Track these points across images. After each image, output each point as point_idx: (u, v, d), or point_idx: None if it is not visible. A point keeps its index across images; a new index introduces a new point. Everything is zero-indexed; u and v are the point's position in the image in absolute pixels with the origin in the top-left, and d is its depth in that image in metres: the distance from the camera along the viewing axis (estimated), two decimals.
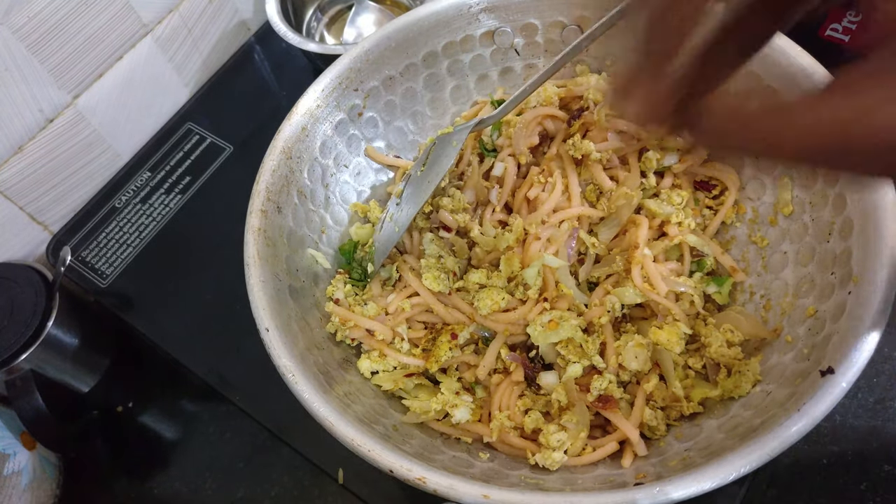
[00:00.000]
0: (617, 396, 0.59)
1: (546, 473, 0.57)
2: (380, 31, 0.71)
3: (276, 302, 0.59)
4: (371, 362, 0.65)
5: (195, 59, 0.98)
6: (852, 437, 0.67)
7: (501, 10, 0.73)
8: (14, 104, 0.77)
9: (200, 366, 0.78)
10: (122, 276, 0.86)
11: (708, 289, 0.65)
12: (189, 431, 0.79)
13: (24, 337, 0.71)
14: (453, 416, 0.61)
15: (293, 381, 0.54)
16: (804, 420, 0.46)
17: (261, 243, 0.61)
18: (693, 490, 0.45)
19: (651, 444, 0.58)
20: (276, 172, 0.65)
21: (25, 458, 0.73)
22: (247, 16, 1.03)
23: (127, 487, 0.77)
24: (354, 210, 0.75)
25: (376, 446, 0.50)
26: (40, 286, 0.74)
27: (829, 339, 0.52)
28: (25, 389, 0.72)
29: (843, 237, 0.56)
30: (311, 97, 0.69)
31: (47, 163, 0.84)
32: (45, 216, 0.88)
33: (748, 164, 0.68)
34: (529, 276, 0.62)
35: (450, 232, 0.69)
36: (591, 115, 0.67)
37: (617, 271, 0.64)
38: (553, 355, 0.62)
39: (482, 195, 0.71)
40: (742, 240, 0.68)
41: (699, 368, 0.62)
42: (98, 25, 0.82)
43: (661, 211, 0.65)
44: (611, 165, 0.67)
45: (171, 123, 0.97)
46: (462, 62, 0.76)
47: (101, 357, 0.84)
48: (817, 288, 0.58)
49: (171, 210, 0.90)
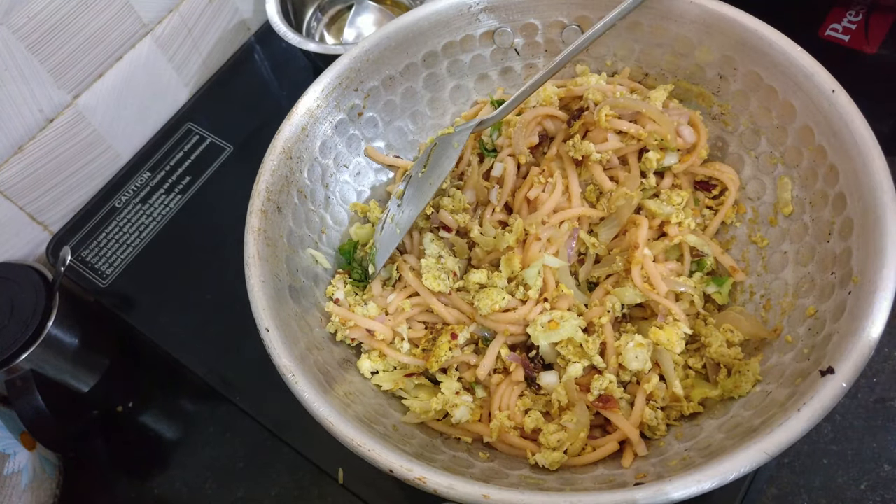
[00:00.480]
0: (617, 396, 0.59)
1: (546, 473, 0.57)
2: (380, 31, 0.71)
3: (276, 302, 0.59)
4: (371, 362, 0.65)
5: (195, 59, 0.98)
6: (852, 437, 0.67)
7: (501, 10, 0.73)
8: (14, 104, 0.77)
9: (200, 366, 0.78)
10: (122, 276, 0.86)
11: (708, 289, 0.65)
12: (189, 431, 0.79)
13: (24, 337, 0.71)
14: (453, 416, 0.61)
15: (293, 381, 0.54)
16: (804, 420, 0.46)
17: (261, 243, 0.61)
18: (693, 490, 0.45)
19: (651, 444, 0.58)
20: (276, 172, 0.65)
21: (25, 458, 0.73)
22: (247, 16, 1.03)
23: (127, 487, 0.77)
24: (354, 210, 0.75)
25: (376, 446, 0.50)
26: (40, 286, 0.74)
27: (829, 339, 0.52)
28: (25, 389, 0.72)
29: (843, 237, 0.56)
30: (311, 97, 0.69)
31: (47, 163, 0.84)
32: (45, 216, 0.88)
33: (748, 164, 0.68)
34: (530, 276, 0.62)
35: (450, 232, 0.69)
36: (591, 116, 0.67)
37: (617, 271, 0.64)
38: (553, 355, 0.62)
39: (482, 195, 0.71)
40: (742, 240, 0.68)
41: (699, 368, 0.62)
42: (98, 25, 0.82)
43: (661, 211, 0.65)
44: (611, 166, 0.67)
45: (171, 123, 0.97)
46: (462, 62, 0.76)
47: (101, 357, 0.84)
48: (817, 288, 0.58)
49: (171, 210, 0.90)
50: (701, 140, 0.67)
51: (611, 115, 0.66)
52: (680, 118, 0.67)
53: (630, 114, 0.67)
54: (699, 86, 0.70)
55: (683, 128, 0.67)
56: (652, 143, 0.66)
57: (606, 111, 0.65)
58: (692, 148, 0.67)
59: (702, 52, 0.68)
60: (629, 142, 0.66)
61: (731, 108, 0.68)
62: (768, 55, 0.62)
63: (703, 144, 0.67)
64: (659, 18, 0.68)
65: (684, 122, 0.67)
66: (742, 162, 0.69)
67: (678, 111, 0.68)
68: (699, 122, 0.68)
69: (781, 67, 0.61)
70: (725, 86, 0.68)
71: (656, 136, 0.65)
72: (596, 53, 0.74)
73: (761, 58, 0.63)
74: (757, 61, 0.64)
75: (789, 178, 0.64)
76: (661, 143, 0.66)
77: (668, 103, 0.70)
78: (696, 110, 0.70)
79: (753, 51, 0.63)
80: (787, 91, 0.62)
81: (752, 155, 0.68)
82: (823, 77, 0.59)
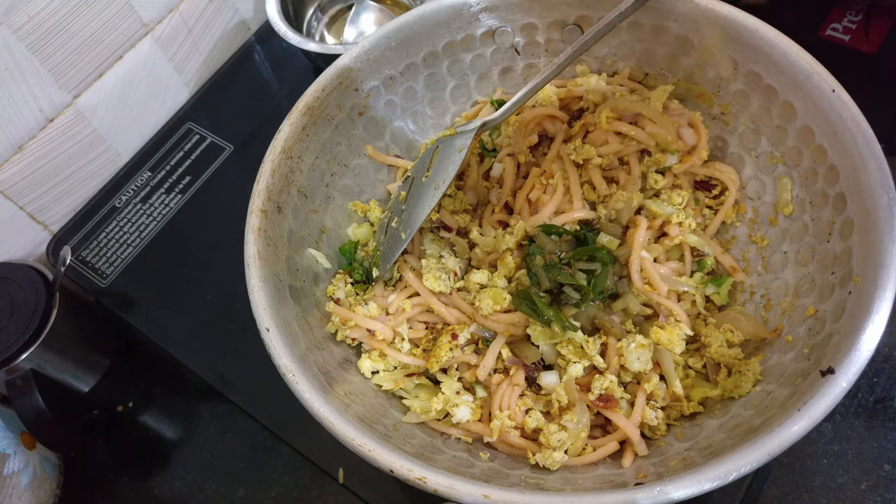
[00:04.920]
0: (617, 396, 0.59)
1: (546, 473, 0.57)
2: (380, 31, 0.71)
3: (276, 302, 0.59)
4: (372, 362, 0.65)
5: (195, 58, 0.98)
6: (852, 437, 0.67)
7: (502, 10, 0.73)
8: (14, 104, 0.77)
9: (200, 366, 0.78)
10: (123, 275, 0.86)
11: (706, 290, 0.65)
12: (189, 431, 0.79)
13: (24, 337, 0.71)
14: (454, 416, 0.61)
15: (293, 381, 0.54)
16: (804, 420, 0.46)
17: (261, 243, 0.61)
18: (693, 490, 0.45)
19: (651, 444, 0.58)
20: (277, 172, 0.65)
21: (25, 458, 0.73)
22: (247, 15, 1.03)
23: (127, 487, 0.77)
24: (355, 210, 0.75)
25: (376, 446, 0.50)
26: (40, 286, 0.74)
27: (829, 339, 0.52)
28: (25, 389, 0.72)
29: (844, 237, 0.56)
30: (311, 97, 0.69)
31: (47, 162, 0.84)
32: (46, 216, 0.88)
33: (748, 164, 0.68)
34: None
35: (450, 232, 0.69)
36: (592, 116, 0.67)
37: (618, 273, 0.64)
38: (554, 356, 0.62)
39: (482, 195, 0.71)
40: (742, 239, 0.68)
41: (699, 368, 0.62)
42: (98, 25, 0.82)
43: (662, 211, 0.65)
44: (611, 167, 0.67)
45: (171, 123, 0.97)
46: (462, 62, 0.76)
47: (101, 357, 0.84)
48: (818, 288, 0.58)
49: (171, 210, 0.90)
50: (701, 141, 0.67)
51: (612, 117, 0.66)
52: (680, 119, 0.67)
53: (630, 115, 0.67)
54: (699, 86, 0.70)
55: (684, 129, 0.67)
56: (652, 146, 0.66)
57: (608, 113, 0.65)
58: (692, 149, 0.67)
59: (702, 51, 0.68)
60: (629, 143, 0.66)
61: (731, 107, 0.68)
62: (769, 55, 0.62)
63: (703, 146, 0.67)
64: (659, 18, 0.68)
65: (684, 123, 0.67)
66: (742, 162, 0.69)
67: (678, 112, 0.68)
68: (699, 124, 0.68)
69: (781, 67, 0.61)
70: (726, 86, 0.68)
71: (656, 137, 0.65)
72: (596, 53, 0.74)
73: (762, 58, 0.63)
74: (757, 61, 0.64)
75: (789, 177, 0.64)
76: (661, 145, 0.66)
77: (669, 104, 0.70)
78: (696, 110, 0.70)
79: (754, 51, 0.63)
80: (787, 91, 0.62)
81: (752, 155, 0.68)
82: (823, 77, 0.59)
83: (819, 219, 0.60)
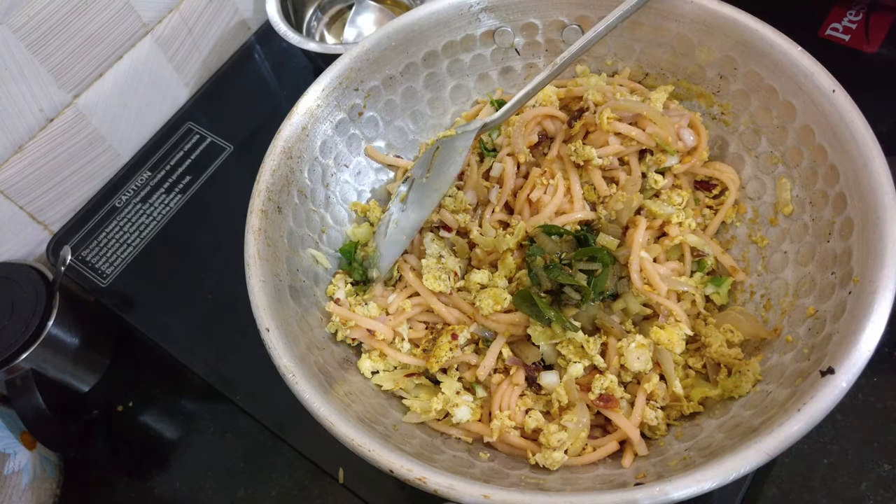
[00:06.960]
0: (617, 396, 0.59)
1: (546, 473, 0.57)
2: (380, 31, 0.71)
3: (276, 302, 0.59)
4: (372, 362, 0.65)
5: (195, 58, 0.98)
6: (852, 437, 0.67)
7: (502, 10, 0.73)
8: (14, 104, 0.77)
9: (200, 366, 0.78)
10: (123, 275, 0.86)
11: (706, 290, 0.65)
12: (189, 431, 0.79)
13: (24, 337, 0.72)
14: (454, 416, 0.61)
15: (293, 381, 0.54)
16: (804, 420, 0.46)
17: (261, 243, 0.61)
18: (693, 490, 0.45)
19: (651, 444, 0.58)
20: (277, 172, 0.65)
21: (25, 457, 0.73)
22: (247, 15, 1.03)
23: (127, 487, 0.77)
24: (354, 210, 0.75)
25: (376, 446, 0.50)
26: (40, 286, 0.74)
27: (829, 339, 0.52)
28: (26, 389, 0.72)
29: (844, 237, 0.56)
30: (311, 97, 0.69)
31: (47, 162, 0.84)
32: (46, 216, 0.88)
33: (748, 164, 0.68)
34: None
35: (450, 232, 0.69)
36: (592, 117, 0.67)
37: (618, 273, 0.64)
38: (554, 355, 0.62)
39: (482, 195, 0.71)
40: (742, 239, 0.68)
41: (699, 368, 0.62)
42: (98, 25, 0.82)
43: (662, 211, 0.65)
44: (611, 167, 0.67)
45: (171, 123, 0.97)
46: (462, 62, 0.76)
47: (101, 357, 0.84)
48: (817, 288, 0.58)
49: (171, 210, 0.90)
50: (701, 142, 0.67)
51: (612, 118, 0.66)
52: (680, 120, 0.67)
53: (631, 115, 0.67)
54: (699, 86, 0.70)
55: (684, 130, 0.67)
56: (653, 146, 0.66)
57: (608, 114, 0.65)
58: (693, 150, 0.67)
59: (702, 51, 0.68)
60: (629, 143, 0.66)
61: (731, 107, 0.68)
62: (769, 55, 0.62)
63: (703, 146, 0.67)
64: (659, 18, 0.68)
65: (685, 124, 0.67)
66: (742, 162, 0.69)
67: (678, 113, 0.68)
68: (699, 125, 0.68)
69: (782, 67, 0.61)
70: (726, 86, 0.68)
71: (657, 138, 0.65)
72: (596, 53, 0.74)
73: (762, 58, 0.63)
74: (757, 61, 0.64)
75: (789, 177, 0.64)
76: (661, 145, 0.66)
77: (669, 104, 0.70)
78: (696, 110, 0.70)
79: (754, 51, 0.63)
80: (787, 91, 0.62)
81: (752, 155, 0.68)
82: (823, 77, 0.59)
83: (819, 219, 0.60)
